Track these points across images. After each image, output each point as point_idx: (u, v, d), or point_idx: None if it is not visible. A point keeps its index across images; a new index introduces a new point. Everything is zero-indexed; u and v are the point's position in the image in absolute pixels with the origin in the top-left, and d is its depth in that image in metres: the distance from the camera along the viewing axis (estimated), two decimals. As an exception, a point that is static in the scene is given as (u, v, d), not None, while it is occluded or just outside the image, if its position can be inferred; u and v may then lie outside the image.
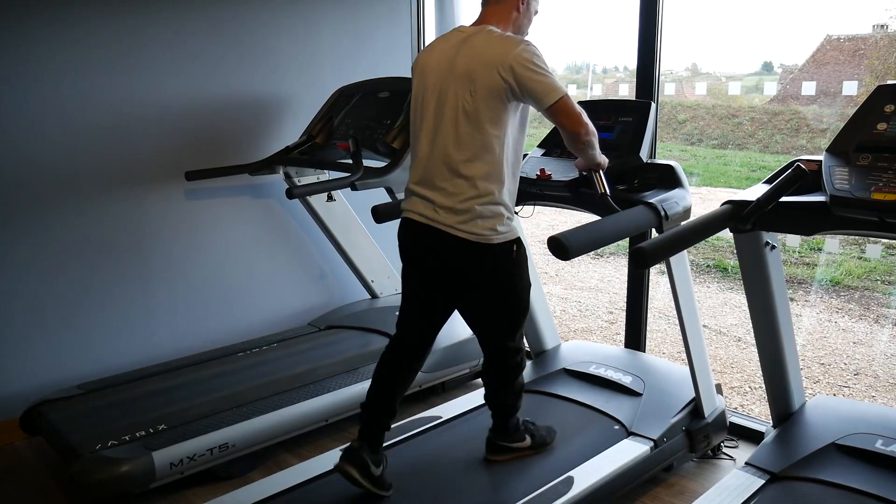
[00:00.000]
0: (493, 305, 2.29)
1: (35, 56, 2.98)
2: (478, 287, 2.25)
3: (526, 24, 2.26)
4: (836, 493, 2.16)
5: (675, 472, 2.74)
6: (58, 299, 3.18)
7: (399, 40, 4.15)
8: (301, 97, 3.80)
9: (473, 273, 2.21)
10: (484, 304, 2.29)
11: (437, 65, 2.18)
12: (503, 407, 2.49)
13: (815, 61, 6.12)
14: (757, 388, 3.95)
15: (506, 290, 2.25)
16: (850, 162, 1.93)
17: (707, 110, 7.48)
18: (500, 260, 2.19)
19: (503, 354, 2.38)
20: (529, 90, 2.04)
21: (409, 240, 2.29)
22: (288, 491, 2.39)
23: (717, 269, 5.86)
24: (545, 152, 2.74)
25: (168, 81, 3.36)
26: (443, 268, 2.24)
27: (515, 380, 2.44)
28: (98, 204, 3.24)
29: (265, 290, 3.87)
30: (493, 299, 2.27)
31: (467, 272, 2.21)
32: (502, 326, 2.33)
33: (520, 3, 2.20)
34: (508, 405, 2.48)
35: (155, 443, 2.58)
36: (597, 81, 7.56)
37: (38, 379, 3.15)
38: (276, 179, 3.70)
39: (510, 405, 2.48)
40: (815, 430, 2.48)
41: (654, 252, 1.73)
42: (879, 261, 5.42)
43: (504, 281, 2.23)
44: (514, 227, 2.22)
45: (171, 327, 3.54)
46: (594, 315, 5.28)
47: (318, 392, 3.00)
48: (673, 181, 2.45)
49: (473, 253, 2.15)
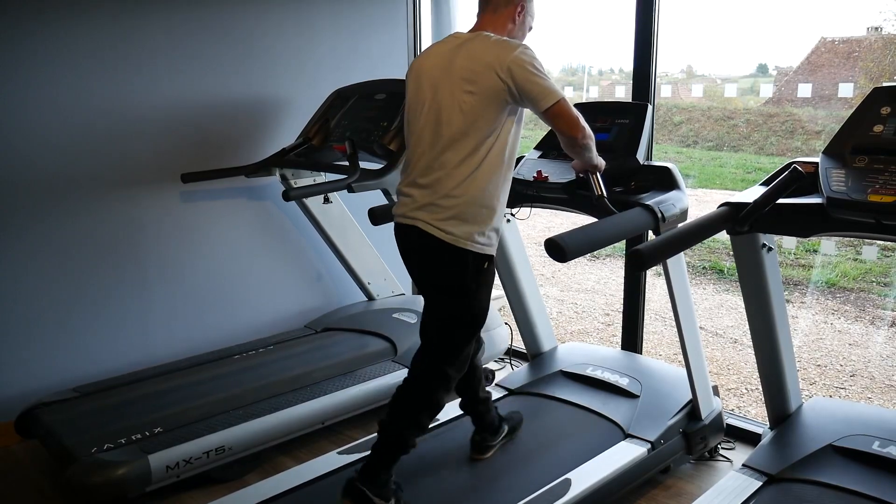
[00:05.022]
0: (445, 309, 2.23)
1: (31, 58, 2.97)
2: (438, 287, 2.23)
3: (520, 38, 2.25)
4: (833, 495, 2.16)
5: (672, 474, 2.74)
6: (53, 301, 3.17)
7: (395, 42, 4.15)
8: (297, 99, 3.80)
9: (438, 272, 2.19)
10: (438, 306, 2.25)
11: (433, 67, 2.18)
12: (399, 434, 2.21)
13: (809, 63, 6.14)
14: (754, 389, 3.96)
15: (463, 304, 2.19)
16: (847, 164, 1.94)
17: (703, 112, 7.50)
18: (468, 268, 2.14)
19: (434, 371, 2.23)
20: (527, 92, 2.04)
21: (399, 243, 2.28)
22: (285, 494, 2.39)
23: (713, 271, 5.87)
24: (542, 154, 2.74)
25: (164, 83, 3.35)
26: (421, 267, 2.24)
27: (421, 413, 2.24)
28: (94, 206, 3.23)
29: (261, 293, 3.86)
30: (447, 303, 2.22)
31: (435, 271, 2.20)
32: (446, 341, 2.23)
33: (516, 16, 2.21)
34: (409, 430, 2.23)
35: (151, 446, 2.57)
36: (593, 83, 7.58)
37: (34, 381, 3.14)
38: (273, 181, 3.70)
39: (410, 430, 2.23)
40: (812, 431, 2.48)
41: (651, 254, 1.73)
42: (875, 262, 5.43)
43: (463, 289, 2.17)
44: (493, 242, 2.18)
45: (168, 329, 3.53)
46: (591, 317, 5.28)
47: (314, 395, 3.00)
48: (669, 183, 2.46)
49: (444, 252, 2.12)
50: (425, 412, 2.24)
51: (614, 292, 5.71)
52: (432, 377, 2.23)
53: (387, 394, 3.12)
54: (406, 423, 2.22)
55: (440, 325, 2.25)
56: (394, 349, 3.44)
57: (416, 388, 2.25)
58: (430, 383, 2.23)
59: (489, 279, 2.23)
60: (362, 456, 2.57)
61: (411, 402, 2.24)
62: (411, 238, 2.19)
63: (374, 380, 3.16)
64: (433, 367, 2.24)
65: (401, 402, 2.25)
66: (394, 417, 2.23)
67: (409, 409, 2.23)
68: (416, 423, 2.22)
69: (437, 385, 2.23)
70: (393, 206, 2.32)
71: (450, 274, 2.16)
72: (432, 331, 2.26)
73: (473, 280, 2.17)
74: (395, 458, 2.22)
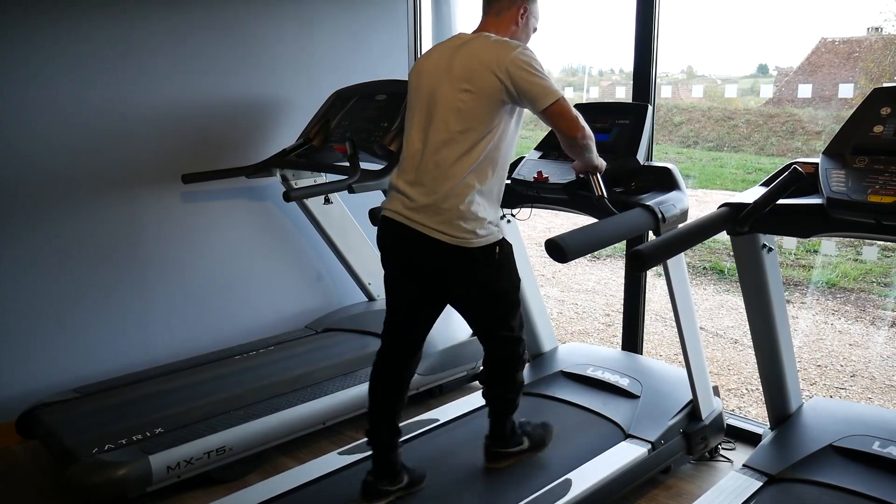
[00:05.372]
0: (478, 306, 2.28)
1: (31, 58, 2.98)
2: (460, 287, 2.23)
3: (523, 40, 2.26)
4: (834, 495, 2.16)
5: (672, 475, 2.74)
6: (54, 302, 3.17)
7: (396, 43, 4.16)
8: (298, 99, 3.80)
9: (454, 275, 2.19)
10: (469, 303, 2.29)
11: (433, 67, 2.19)
12: (501, 402, 2.44)
13: (810, 64, 6.14)
14: (754, 390, 3.96)
15: (491, 292, 2.24)
16: (847, 164, 1.94)
17: (703, 112, 7.50)
18: (481, 265, 2.16)
19: (499, 343, 2.35)
20: (525, 92, 2.04)
21: (387, 239, 2.27)
22: (285, 494, 2.39)
23: (713, 272, 5.87)
24: (542, 155, 2.74)
25: (165, 84, 3.35)
26: (420, 268, 2.23)
27: (515, 373, 2.40)
28: (94, 206, 3.24)
29: (262, 293, 3.87)
30: (478, 301, 2.26)
31: (447, 273, 2.20)
32: (493, 319, 2.31)
33: (519, 18, 2.22)
34: (507, 400, 2.44)
35: (152, 446, 2.57)
36: (593, 84, 7.58)
37: (35, 382, 3.14)
38: (273, 182, 3.70)
39: (508, 401, 2.44)
40: (813, 432, 2.48)
41: (652, 254, 1.73)
42: (875, 263, 5.43)
43: (488, 285, 2.21)
44: (495, 231, 2.19)
45: (168, 330, 3.53)
46: (591, 317, 5.28)
47: (315, 395, 3.00)
48: (670, 183, 2.46)
49: (452, 255, 2.13)
50: (515, 373, 2.42)
51: (615, 293, 5.71)
52: (502, 348, 2.36)
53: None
54: (506, 390, 2.43)
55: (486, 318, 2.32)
56: (394, 349, 3.43)
57: (496, 364, 2.40)
58: (502, 354, 2.37)
59: (505, 260, 2.23)
60: (363, 456, 2.58)
61: (499, 374, 2.42)
62: (407, 238, 2.17)
63: (375, 380, 3.15)
64: (499, 344, 2.36)
65: (492, 375, 2.43)
66: (494, 390, 2.44)
67: (502, 379, 2.42)
68: (514, 385, 2.42)
69: (510, 352, 2.37)
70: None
71: (464, 272, 2.17)
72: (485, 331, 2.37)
73: (490, 270, 2.19)
74: (509, 417, 2.47)
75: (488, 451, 2.50)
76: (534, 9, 2.26)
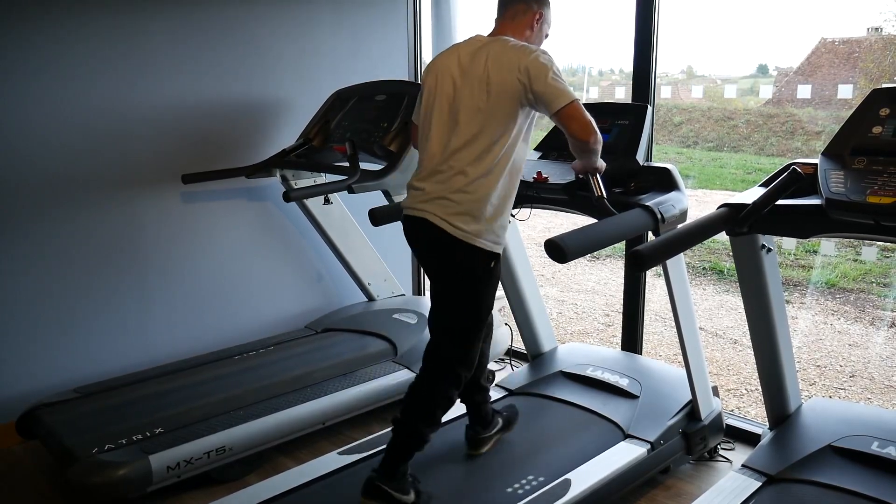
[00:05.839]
0: (451, 301, 2.28)
1: (32, 58, 2.98)
2: (446, 279, 2.27)
3: (537, 44, 2.30)
4: (833, 495, 2.17)
5: (672, 475, 2.75)
6: (54, 302, 3.17)
7: (396, 43, 4.16)
8: (298, 100, 3.80)
9: (447, 264, 2.23)
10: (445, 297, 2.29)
11: (453, 66, 2.23)
12: (414, 430, 2.25)
13: (809, 64, 6.15)
14: (753, 390, 3.97)
15: (469, 292, 2.24)
16: (846, 165, 1.94)
17: (702, 113, 7.50)
18: (475, 263, 2.19)
19: (446, 373, 2.27)
20: (541, 93, 2.07)
21: (407, 234, 2.32)
22: (285, 494, 2.39)
23: (713, 272, 5.88)
24: (542, 155, 2.75)
25: (165, 84, 3.36)
26: (429, 257, 2.28)
27: (447, 385, 2.29)
28: (94, 207, 3.24)
29: (262, 293, 3.87)
30: (454, 295, 2.26)
31: (444, 262, 2.24)
32: (454, 330, 2.27)
33: (534, 23, 2.28)
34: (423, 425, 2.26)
35: (152, 446, 2.57)
36: (593, 84, 7.59)
37: (35, 382, 3.14)
38: (273, 182, 3.70)
39: (424, 426, 2.27)
40: (812, 432, 2.48)
41: (651, 255, 1.73)
42: (875, 263, 5.44)
43: (472, 285, 2.23)
44: (499, 243, 2.22)
45: (168, 330, 3.53)
46: (591, 317, 5.29)
47: (315, 395, 3.00)
48: (669, 184, 2.46)
49: (452, 245, 2.16)
50: (438, 408, 2.29)
51: (614, 293, 5.71)
52: (443, 376, 2.28)
53: (387, 394, 3.15)
54: (420, 419, 2.26)
55: (448, 325, 2.29)
56: (394, 350, 3.44)
57: (429, 386, 2.29)
58: (440, 382, 2.28)
59: (494, 279, 2.27)
60: (363, 456, 2.59)
61: (424, 398, 2.29)
62: (419, 229, 2.22)
63: (375, 380, 3.16)
64: (444, 367, 2.28)
65: (414, 398, 2.30)
66: (408, 414, 2.28)
67: (422, 406, 2.28)
68: (430, 418, 2.27)
69: (448, 384, 2.28)
70: (398, 205, 2.35)
71: (460, 269, 2.20)
72: (439, 332, 2.31)
73: (482, 277, 2.21)
74: (411, 454, 2.27)
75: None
76: (548, 15, 2.32)
